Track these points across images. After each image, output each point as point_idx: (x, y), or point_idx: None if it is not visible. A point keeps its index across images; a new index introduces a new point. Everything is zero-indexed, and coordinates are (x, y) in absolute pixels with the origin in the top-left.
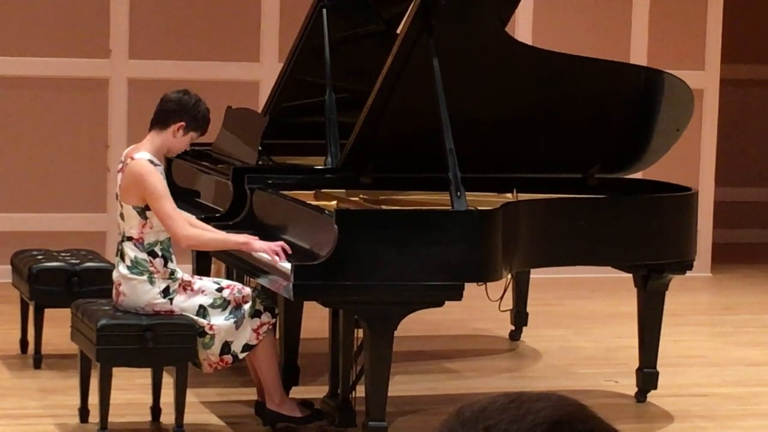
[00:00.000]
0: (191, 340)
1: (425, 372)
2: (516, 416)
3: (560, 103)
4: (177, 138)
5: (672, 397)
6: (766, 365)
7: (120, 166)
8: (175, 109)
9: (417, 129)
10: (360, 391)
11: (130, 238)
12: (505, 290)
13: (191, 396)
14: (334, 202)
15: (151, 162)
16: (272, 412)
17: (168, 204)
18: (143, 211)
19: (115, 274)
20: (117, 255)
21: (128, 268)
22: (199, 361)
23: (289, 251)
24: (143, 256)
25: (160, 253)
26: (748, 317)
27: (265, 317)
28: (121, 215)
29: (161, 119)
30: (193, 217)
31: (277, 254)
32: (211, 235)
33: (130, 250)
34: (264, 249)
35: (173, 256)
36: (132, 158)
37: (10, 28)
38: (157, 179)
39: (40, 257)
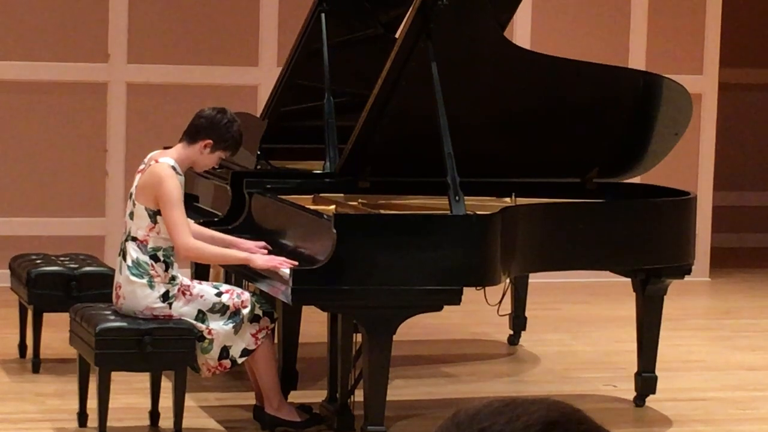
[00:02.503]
0: (190, 344)
1: (424, 376)
2: (510, 418)
3: (559, 107)
4: (203, 155)
5: (670, 401)
6: (765, 370)
7: (142, 167)
8: (205, 126)
9: (415, 133)
10: (359, 395)
11: (134, 239)
12: (503, 294)
13: (190, 400)
14: (332, 207)
15: (174, 169)
16: (271, 416)
17: (177, 212)
18: (154, 214)
19: (116, 276)
20: (119, 255)
21: (129, 268)
22: (197, 366)
23: (294, 264)
24: (145, 258)
25: (161, 259)
26: (747, 322)
27: (264, 322)
28: (131, 214)
29: (190, 133)
30: (200, 227)
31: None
32: (212, 249)
33: (133, 251)
34: (266, 266)
35: (175, 264)
36: (156, 161)
37: (9, 33)
38: (174, 185)
39: (38, 261)
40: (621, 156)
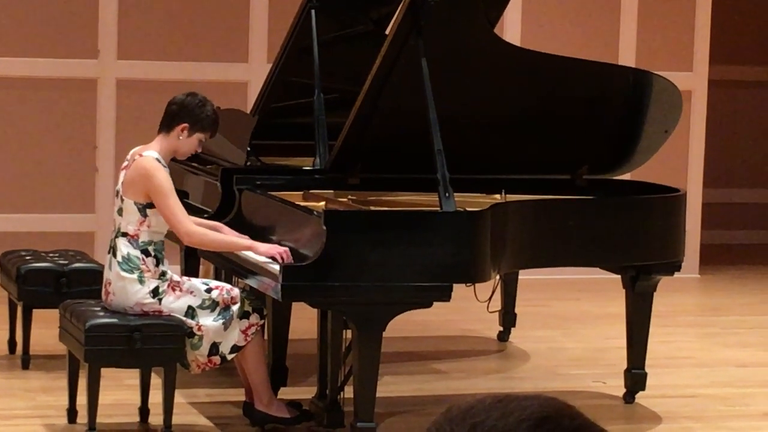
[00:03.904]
0: (179, 340)
1: (413, 373)
2: (503, 413)
3: (549, 104)
4: (182, 140)
5: (660, 398)
6: (754, 366)
7: (125, 163)
8: (178, 111)
9: (406, 130)
10: (348, 391)
11: (125, 234)
12: (493, 291)
13: (179, 397)
14: (322, 203)
15: (158, 161)
16: (261, 412)
17: (172, 201)
18: (144, 208)
19: (105, 273)
20: (109, 252)
21: (119, 264)
22: (187, 362)
23: (290, 259)
24: (136, 253)
25: (152, 253)
26: (736, 318)
27: (254, 318)
28: (120, 210)
29: (166, 122)
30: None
31: (282, 257)
32: (216, 236)
33: (123, 246)
34: (268, 253)
35: (165, 259)
36: (140, 155)
37: None
38: (163, 176)
39: (28, 258)
40: (611, 153)
